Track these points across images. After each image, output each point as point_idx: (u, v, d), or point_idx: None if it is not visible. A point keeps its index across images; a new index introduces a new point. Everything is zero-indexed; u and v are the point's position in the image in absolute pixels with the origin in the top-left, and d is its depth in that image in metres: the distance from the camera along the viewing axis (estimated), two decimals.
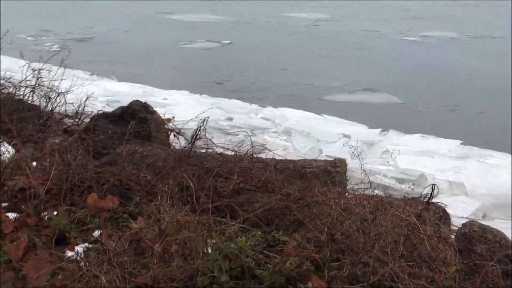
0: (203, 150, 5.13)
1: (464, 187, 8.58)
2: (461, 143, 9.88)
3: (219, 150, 5.48)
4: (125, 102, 11.37)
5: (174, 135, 4.89)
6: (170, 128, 4.91)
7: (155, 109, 7.82)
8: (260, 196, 4.53)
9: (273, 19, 24.44)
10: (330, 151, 9.78)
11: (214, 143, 5.25)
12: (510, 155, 9.38)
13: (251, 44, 18.98)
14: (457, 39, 19.94)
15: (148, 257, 2.92)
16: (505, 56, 17.09)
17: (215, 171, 4.35)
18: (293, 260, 3.22)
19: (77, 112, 7.38)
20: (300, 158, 6.92)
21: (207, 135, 5.76)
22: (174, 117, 5.17)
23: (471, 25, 22.75)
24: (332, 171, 6.34)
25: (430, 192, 4.04)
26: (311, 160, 6.81)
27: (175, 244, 2.99)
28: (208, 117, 5.27)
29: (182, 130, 6.06)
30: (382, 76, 14.54)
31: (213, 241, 3.18)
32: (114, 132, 5.26)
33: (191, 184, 4.09)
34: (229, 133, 10.49)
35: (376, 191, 6.48)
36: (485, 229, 4.93)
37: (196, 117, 11.48)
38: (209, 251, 3.15)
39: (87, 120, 7.27)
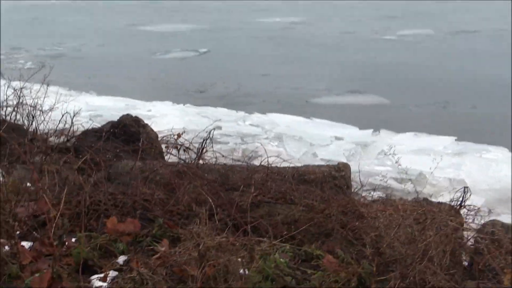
0: (212, 163, 4.88)
1: (465, 184, 8.41)
2: (456, 139, 9.75)
3: (226, 161, 5.24)
4: (109, 116, 11.07)
5: (184, 150, 4.61)
6: (179, 143, 4.63)
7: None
8: (280, 208, 4.29)
9: (246, 25, 24.23)
10: (325, 155, 9.60)
11: (222, 155, 4.99)
12: (506, 149, 9.30)
13: (229, 51, 18.75)
14: (433, 36, 19.96)
15: (188, 284, 2.66)
16: (483, 51, 17.16)
17: (241, 186, 4.10)
18: (339, 277, 2.98)
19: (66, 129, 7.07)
20: (302, 164, 6.68)
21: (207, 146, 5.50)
22: (184, 132, 4.90)
23: (445, 21, 22.83)
24: (337, 176, 6.13)
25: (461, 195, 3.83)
26: (314, 166, 6.59)
27: (214, 268, 2.73)
28: (214, 129, 5.02)
29: (175, 143, 5.77)
30: (365, 77, 14.43)
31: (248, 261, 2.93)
32: (123, 150, 4.95)
33: (210, 200, 3.84)
34: (219, 142, 10.23)
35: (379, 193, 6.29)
36: (509, 228, 4.75)
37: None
38: (246, 272, 2.90)
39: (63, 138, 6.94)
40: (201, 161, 4.69)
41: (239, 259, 2.81)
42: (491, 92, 12.59)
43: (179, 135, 4.65)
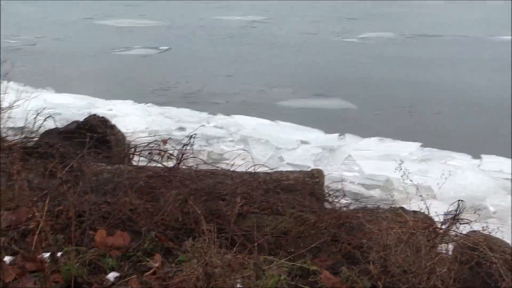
0: (193, 169, 4.73)
1: (432, 191, 8.46)
2: (421, 145, 9.79)
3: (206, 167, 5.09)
4: (69, 115, 10.76)
5: (168, 157, 4.45)
6: (163, 149, 4.46)
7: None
8: (267, 219, 4.18)
9: (207, 22, 24.02)
10: (292, 159, 9.52)
11: (204, 161, 4.84)
12: (469, 156, 9.40)
13: (191, 49, 18.51)
14: (395, 39, 20.11)
15: None
16: (444, 56, 17.35)
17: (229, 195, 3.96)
18: None
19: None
20: (268, 168, 6.53)
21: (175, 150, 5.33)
22: (170, 138, 4.72)
23: (405, 24, 23.02)
24: (311, 183, 6.04)
25: (456, 208, 3.80)
26: (287, 171, 6.49)
27: None
28: (196, 134, 4.86)
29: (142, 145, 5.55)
30: (330, 80, 14.37)
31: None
32: (106, 156, 4.74)
33: (197, 211, 3.70)
34: (184, 144, 10.06)
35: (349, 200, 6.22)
36: (488, 239, 4.74)
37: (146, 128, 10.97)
38: None
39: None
40: (182, 167, 4.54)
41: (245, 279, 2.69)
42: (455, 97, 12.72)
43: (165, 142, 4.47)
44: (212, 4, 29.50)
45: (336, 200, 5.37)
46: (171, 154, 4.47)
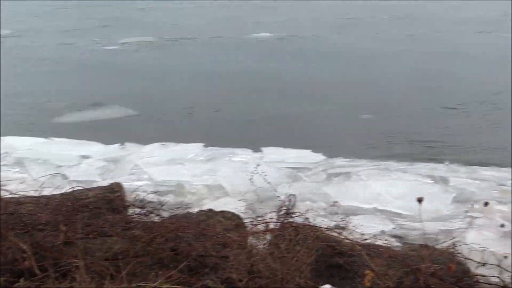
0: None
1: (223, 188, 8.64)
2: (204, 146, 9.94)
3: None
4: None
5: None
6: None
7: None
8: (95, 243, 3.92)
9: None
10: (76, 176, 9.09)
11: (10, 192, 4.40)
12: (250, 150, 9.75)
13: None
14: (156, 42, 20.12)
15: None
16: (206, 54, 17.78)
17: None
18: None
19: None
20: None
21: None
22: None
23: (162, 28, 23.12)
24: (113, 197, 5.86)
25: (288, 203, 3.92)
26: (84, 189, 6.19)
27: None
28: None
29: None
30: (104, 88, 13.96)
31: None
32: None
33: (22, 247, 3.35)
34: None
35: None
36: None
37: None
38: None
39: None
40: None
41: None
42: (235, 93, 13.09)
43: None
44: None
45: (152, 211, 5.23)
46: None
